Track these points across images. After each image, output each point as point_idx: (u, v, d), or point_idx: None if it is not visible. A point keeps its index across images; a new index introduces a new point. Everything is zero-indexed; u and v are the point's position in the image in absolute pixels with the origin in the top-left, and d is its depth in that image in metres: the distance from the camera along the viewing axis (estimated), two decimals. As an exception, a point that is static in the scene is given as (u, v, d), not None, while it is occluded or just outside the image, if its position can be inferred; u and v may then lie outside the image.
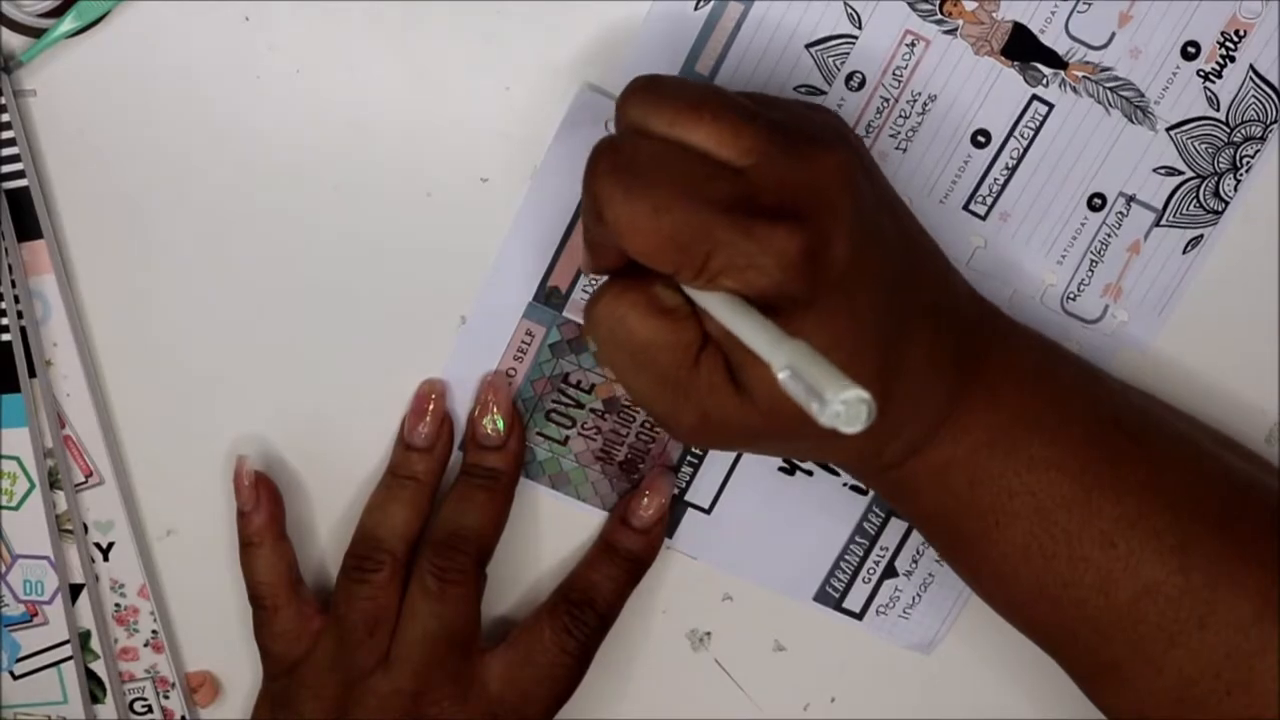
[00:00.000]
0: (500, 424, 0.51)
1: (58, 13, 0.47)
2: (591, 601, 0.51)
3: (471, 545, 0.50)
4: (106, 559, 0.52)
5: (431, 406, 0.51)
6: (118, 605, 0.52)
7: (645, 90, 0.40)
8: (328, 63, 0.48)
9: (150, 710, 0.54)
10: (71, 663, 0.52)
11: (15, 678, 0.52)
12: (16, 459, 0.49)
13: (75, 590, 0.52)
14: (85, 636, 0.52)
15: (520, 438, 0.51)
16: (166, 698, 0.54)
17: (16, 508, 0.50)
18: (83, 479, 0.51)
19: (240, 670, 0.54)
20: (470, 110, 0.49)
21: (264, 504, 0.51)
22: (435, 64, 0.48)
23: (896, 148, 0.50)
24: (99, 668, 0.53)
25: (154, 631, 0.53)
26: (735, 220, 0.37)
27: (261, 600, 0.51)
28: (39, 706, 0.52)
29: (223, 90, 0.48)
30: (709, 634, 0.55)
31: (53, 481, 0.50)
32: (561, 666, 0.50)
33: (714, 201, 0.37)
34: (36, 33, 0.47)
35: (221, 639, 0.54)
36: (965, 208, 0.50)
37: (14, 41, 0.47)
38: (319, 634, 0.51)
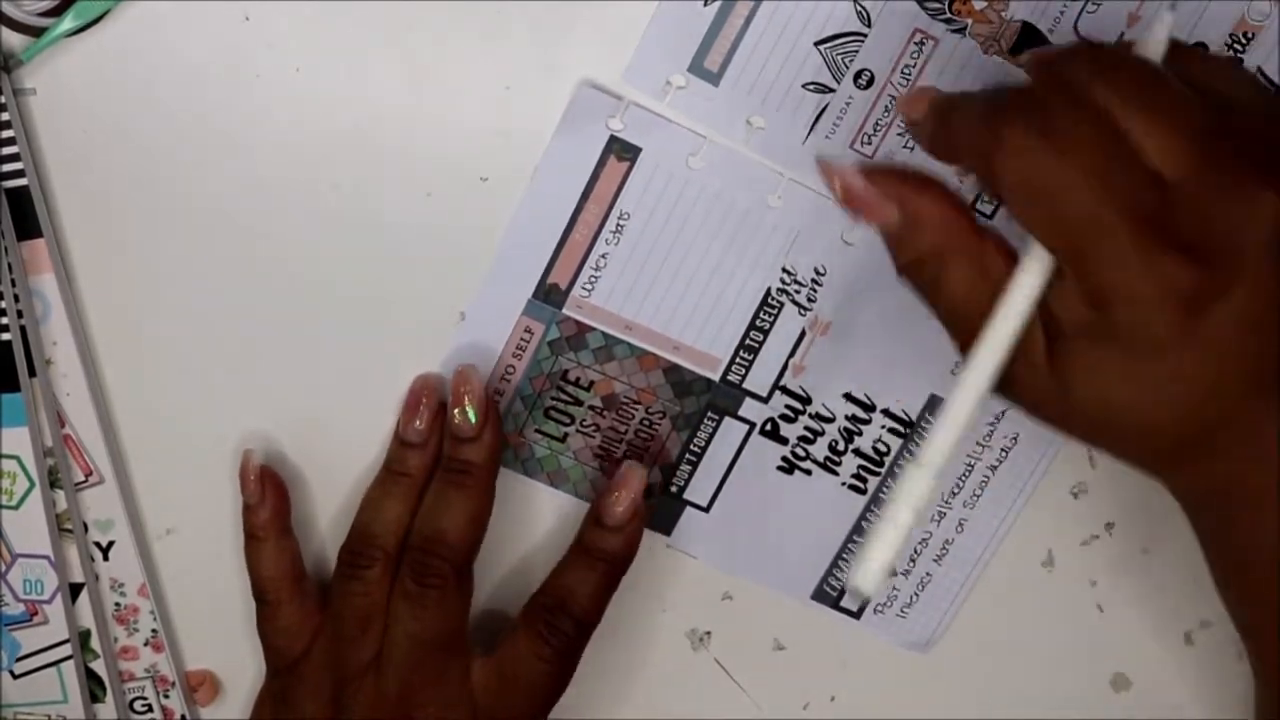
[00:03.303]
0: (472, 414, 0.49)
1: (57, 12, 0.46)
2: (565, 606, 0.50)
3: (449, 549, 0.49)
4: (106, 558, 0.52)
5: (425, 402, 0.50)
6: (117, 604, 0.53)
7: (1099, 55, 0.37)
8: (328, 62, 0.48)
9: (150, 709, 0.54)
10: (71, 662, 0.52)
11: (15, 677, 0.52)
12: (16, 458, 0.49)
13: (75, 589, 0.52)
14: (85, 636, 0.52)
15: (495, 429, 0.50)
16: (166, 697, 0.54)
17: (16, 507, 0.50)
18: (82, 478, 0.51)
19: (240, 669, 0.54)
20: (470, 110, 0.48)
21: (269, 498, 0.51)
22: (435, 64, 0.48)
23: (904, 146, 0.49)
24: (99, 667, 0.53)
25: (154, 630, 0.53)
26: (1139, 235, 0.34)
27: (265, 595, 0.51)
28: (39, 706, 0.52)
29: (222, 90, 0.48)
30: (709, 633, 0.55)
31: (52, 480, 0.50)
32: (540, 675, 0.49)
33: (1126, 206, 0.34)
34: (36, 32, 0.47)
35: (221, 638, 0.54)
36: (972, 206, 0.50)
37: (14, 40, 0.47)
38: (320, 630, 0.51)
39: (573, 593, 0.50)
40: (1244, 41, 0.48)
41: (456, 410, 0.49)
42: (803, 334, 0.51)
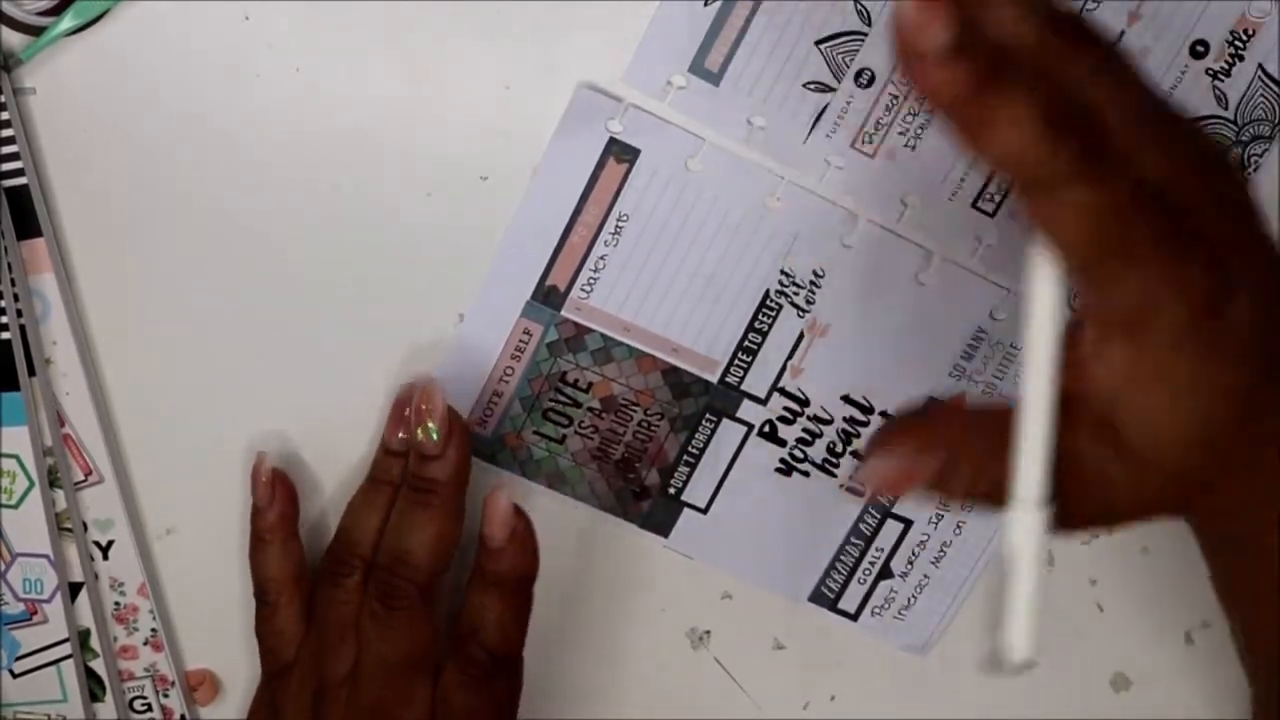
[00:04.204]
0: (434, 432, 0.48)
1: (57, 11, 0.46)
2: (475, 635, 0.49)
3: (413, 570, 0.48)
4: (106, 557, 0.52)
5: (409, 410, 0.50)
6: (117, 604, 0.53)
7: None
8: (328, 62, 0.48)
9: (150, 709, 0.54)
10: (71, 661, 0.52)
11: (14, 676, 0.52)
12: (16, 457, 0.49)
13: (75, 589, 0.52)
14: (85, 635, 0.52)
15: (462, 445, 0.49)
16: (166, 696, 0.54)
17: (16, 506, 0.50)
18: (82, 477, 0.51)
19: (240, 669, 0.54)
20: (470, 109, 0.48)
21: (279, 501, 0.50)
22: (435, 63, 0.48)
23: (906, 145, 0.49)
24: (98, 666, 0.53)
25: (153, 630, 0.53)
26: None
27: (266, 595, 0.51)
28: (38, 705, 0.52)
29: (222, 89, 0.48)
30: (708, 633, 0.55)
31: (52, 480, 0.50)
32: (470, 702, 0.49)
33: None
34: (36, 31, 0.47)
35: (221, 637, 0.54)
36: (974, 205, 0.50)
37: (13, 40, 0.47)
38: (309, 637, 0.50)
39: (479, 623, 0.49)
40: (1244, 39, 0.48)
41: (419, 428, 0.48)
42: (801, 336, 0.51)
